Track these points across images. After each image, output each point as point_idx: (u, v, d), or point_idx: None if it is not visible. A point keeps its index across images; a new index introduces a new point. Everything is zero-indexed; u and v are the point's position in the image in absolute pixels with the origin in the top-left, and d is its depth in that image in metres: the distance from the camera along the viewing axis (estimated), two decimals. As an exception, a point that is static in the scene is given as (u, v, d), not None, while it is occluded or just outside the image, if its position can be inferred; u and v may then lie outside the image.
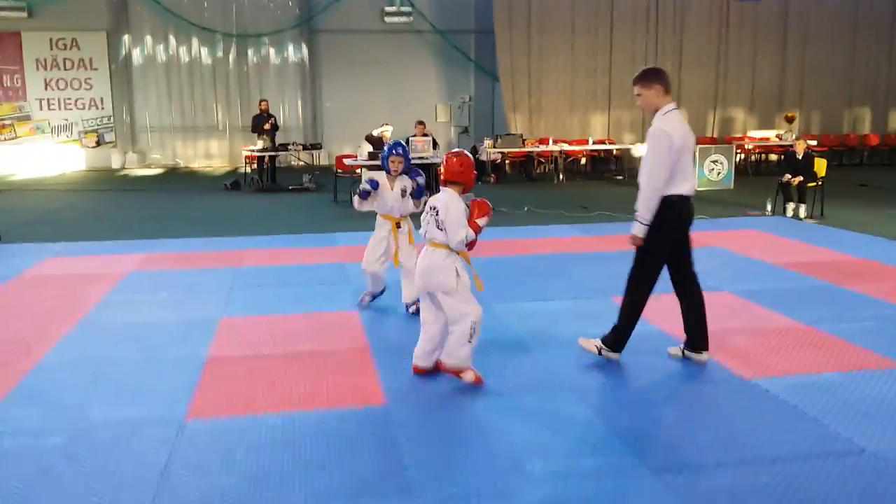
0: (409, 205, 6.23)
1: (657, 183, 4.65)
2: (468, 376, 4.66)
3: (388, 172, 6.18)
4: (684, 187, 4.74)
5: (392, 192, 6.19)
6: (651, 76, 4.86)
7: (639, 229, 4.75)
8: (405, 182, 6.21)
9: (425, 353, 4.86)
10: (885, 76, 21.81)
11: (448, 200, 4.61)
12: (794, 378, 4.75)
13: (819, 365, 4.99)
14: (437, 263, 4.61)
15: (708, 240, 9.39)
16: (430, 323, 4.80)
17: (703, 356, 5.03)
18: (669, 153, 4.63)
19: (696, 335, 5.04)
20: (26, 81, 20.57)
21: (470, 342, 4.59)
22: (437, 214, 4.61)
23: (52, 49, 20.54)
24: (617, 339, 5.01)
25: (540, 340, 5.58)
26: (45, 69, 20.61)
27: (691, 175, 4.81)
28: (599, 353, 5.05)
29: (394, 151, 6.18)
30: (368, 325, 6.02)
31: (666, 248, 4.88)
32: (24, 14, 19.91)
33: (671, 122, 4.74)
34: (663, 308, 6.36)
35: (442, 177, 4.80)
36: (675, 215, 4.76)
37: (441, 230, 4.60)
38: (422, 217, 4.79)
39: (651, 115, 4.91)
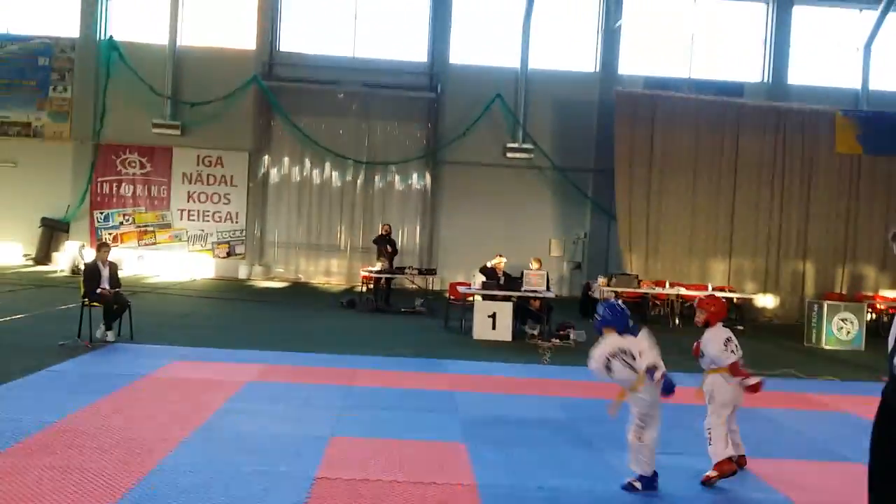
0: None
1: None
2: None
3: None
4: None
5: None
6: None
7: None
8: None
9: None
10: None
11: None
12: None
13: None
14: None
15: (838, 404, 8.81)
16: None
17: None
18: None
19: None
20: (171, 193, 22.38)
21: None
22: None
23: (198, 165, 22.38)
24: None
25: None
26: (190, 183, 22.40)
27: None
28: None
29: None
30: (475, 460, 5.89)
31: None
32: (178, 132, 21.92)
33: None
34: (793, 476, 5.95)
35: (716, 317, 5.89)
36: None
37: None
38: (729, 348, 5.74)
39: None
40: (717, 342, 5.74)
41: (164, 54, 21.87)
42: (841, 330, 14.41)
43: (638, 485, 5.35)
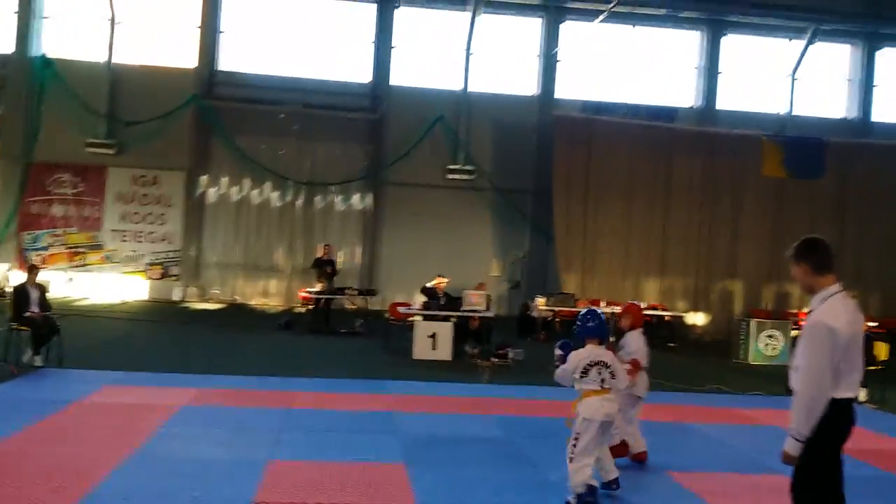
0: None
1: (818, 389, 3.79)
2: None
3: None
4: (846, 389, 3.87)
5: None
6: (799, 252, 4.06)
7: (792, 446, 3.84)
8: None
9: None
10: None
11: None
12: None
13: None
14: None
15: (764, 417, 9.14)
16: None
17: None
18: (834, 351, 3.80)
19: None
20: (104, 213, 21.80)
21: None
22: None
23: (133, 184, 21.88)
24: None
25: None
26: (124, 203, 21.87)
27: (858, 370, 3.93)
28: None
29: None
30: (415, 481, 5.93)
31: (829, 459, 3.92)
32: (113, 151, 21.41)
33: (834, 312, 3.88)
34: (721, 488, 6.16)
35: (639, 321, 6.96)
36: (839, 423, 3.88)
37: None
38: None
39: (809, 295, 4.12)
40: (638, 339, 6.87)
41: (100, 72, 21.38)
42: (767, 346, 14.96)
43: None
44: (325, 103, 22.00)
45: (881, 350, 11.34)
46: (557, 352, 5.83)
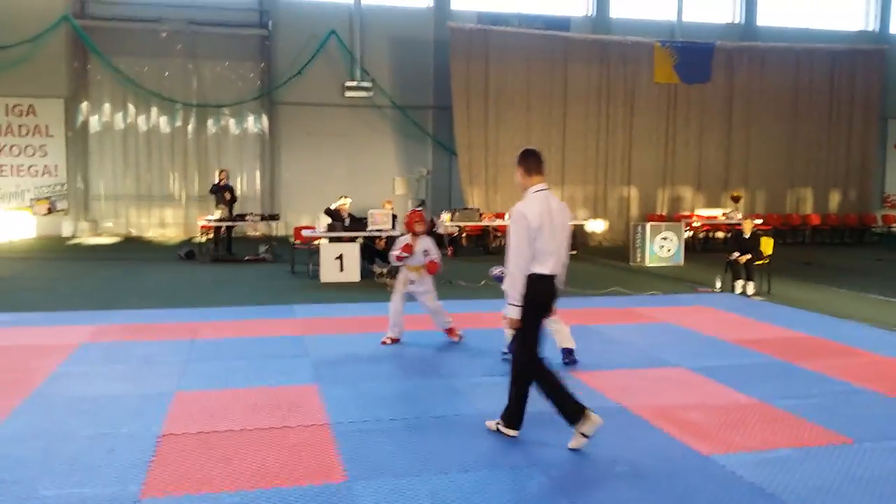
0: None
1: (518, 262, 4.74)
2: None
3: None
4: (543, 266, 4.78)
5: None
6: (518, 159, 5.02)
7: (511, 311, 4.80)
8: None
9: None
10: (825, 158, 22.87)
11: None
12: (750, 454, 4.84)
13: (774, 441, 5.10)
14: None
15: (660, 315, 9.59)
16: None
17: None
18: (527, 233, 4.72)
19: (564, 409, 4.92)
20: (-23, 147, 20.32)
21: None
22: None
23: (7, 115, 20.42)
24: (511, 416, 5.07)
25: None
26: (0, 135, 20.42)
27: (553, 253, 4.82)
28: (497, 430, 5.11)
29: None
30: (328, 400, 5.96)
31: (535, 322, 4.90)
32: (-19, 80, 19.82)
33: (529, 203, 4.84)
34: (624, 383, 6.45)
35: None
36: (535, 293, 4.78)
37: None
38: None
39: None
40: (432, 242, 8.03)
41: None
42: (662, 248, 15.60)
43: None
44: (210, 19, 20.93)
45: (767, 245, 12.00)
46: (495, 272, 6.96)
